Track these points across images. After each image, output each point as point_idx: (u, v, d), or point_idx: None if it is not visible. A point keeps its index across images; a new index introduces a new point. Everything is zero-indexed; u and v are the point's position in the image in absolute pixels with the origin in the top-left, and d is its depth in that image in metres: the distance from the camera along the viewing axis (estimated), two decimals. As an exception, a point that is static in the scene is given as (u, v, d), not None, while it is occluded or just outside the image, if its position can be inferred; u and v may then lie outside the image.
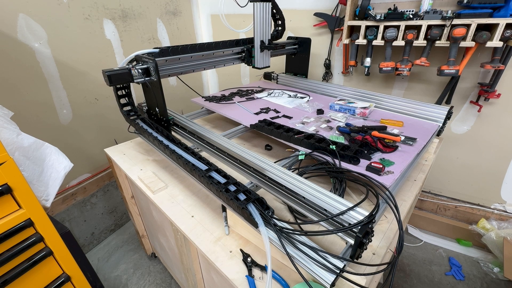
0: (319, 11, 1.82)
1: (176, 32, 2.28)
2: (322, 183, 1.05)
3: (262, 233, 0.69)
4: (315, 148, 1.05)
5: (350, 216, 0.67)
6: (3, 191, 0.77)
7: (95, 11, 1.69)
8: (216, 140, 1.08)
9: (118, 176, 1.38)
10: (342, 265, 0.61)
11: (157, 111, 1.23)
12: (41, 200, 1.01)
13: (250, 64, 1.53)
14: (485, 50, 1.42)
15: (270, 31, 1.46)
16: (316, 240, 0.80)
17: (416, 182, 1.11)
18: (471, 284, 1.66)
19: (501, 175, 1.68)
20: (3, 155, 0.76)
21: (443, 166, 1.83)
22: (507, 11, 1.21)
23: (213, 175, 0.88)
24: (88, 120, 1.81)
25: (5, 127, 0.91)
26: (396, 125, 1.26)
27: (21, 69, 1.45)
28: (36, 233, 0.89)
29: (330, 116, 1.37)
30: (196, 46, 1.28)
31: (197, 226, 0.91)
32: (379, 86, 1.84)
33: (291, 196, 0.82)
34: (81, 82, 1.71)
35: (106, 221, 2.05)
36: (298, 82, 1.84)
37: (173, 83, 2.37)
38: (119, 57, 1.89)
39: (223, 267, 0.77)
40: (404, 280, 1.70)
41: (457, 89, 1.57)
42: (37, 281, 0.92)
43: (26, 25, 1.42)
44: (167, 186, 1.10)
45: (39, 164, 1.02)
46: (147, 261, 1.87)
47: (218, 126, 1.59)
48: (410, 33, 1.39)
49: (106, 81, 1.01)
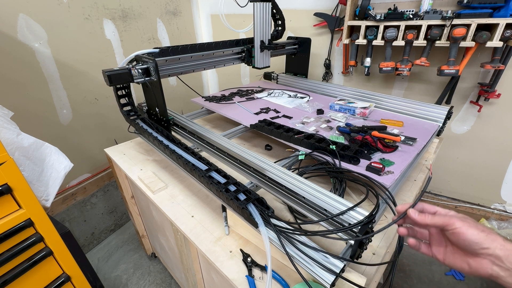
0: (319, 11, 1.82)
1: (176, 32, 2.28)
2: (322, 183, 1.05)
3: (262, 233, 0.69)
4: (315, 148, 1.05)
5: (350, 216, 0.67)
6: (3, 191, 0.77)
7: (95, 11, 1.69)
8: (216, 140, 1.08)
9: (118, 176, 1.38)
10: (342, 265, 0.61)
11: (157, 111, 1.23)
12: (41, 200, 1.01)
13: (250, 64, 1.53)
14: (485, 50, 1.42)
15: (270, 31, 1.46)
16: (316, 240, 0.80)
17: (416, 182, 1.11)
18: (471, 284, 1.66)
19: (501, 175, 1.68)
20: (3, 155, 0.76)
21: (443, 166, 1.83)
22: (507, 11, 1.21)
23: (213, 175, 0.88)
24: (88, 120, 1.81)
25: (5, 127, 0.91)
26: (396, 125, 1.26)
27: (21, 69, 1.45)
28: (36, 233, 0.89)
29: (330, 116, 1.37)
30: (196, 46, 1.28)
31: (197, 226, 0.91)
32: (379, 86, 1.84)
33: (291, 196, 0.82)
34: (81, 82, 1.71)
35: (106, 221, 2.05)
36: (298, 82, 1.84)
37: (173, 83, 2.37)
38: (119, 57, 1.89)
39: (223, 267, 0.77)
40: (404, 280, 1.70)
41: (457, 89, 1.57)
42: (37, 281, 0.92)
43: (26, 25, 1.42)
44: (167, 186, 1.10)
45: (39, 164, 1.02)
46: (147, 261, 1.87)
47: (218, 126, 1.59)
48: (410, 33, 1.39)
49: (106, 81, 1.01)
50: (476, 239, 0.42)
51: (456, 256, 0.46)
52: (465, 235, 0.43)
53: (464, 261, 0.45)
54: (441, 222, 0.46)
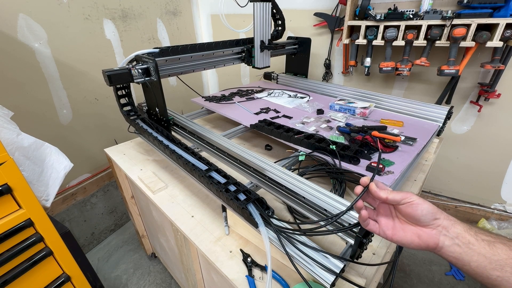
0: (319, 11, 1.82)
1: (176, 32, 2.28)
2: (322, 183, 1.05)
3: (262, 233, 0.69)
4: (315, 148, 1.05)
5: (350, 216, 0.67)
6: (3, 191, 0.77)
7: (95, 11, 1.69)
8: (216, 140, 1.08)
9: (118, 176, 1.38)
10: (342, 265, 0.61)
11: (157, 111, 1.23)
12: (41, 200, 1.01)
13: (250, 64, 1.53)
14: (485, 50, 1.42)
15: (270, 31, 1.46)
16: (316, 240, 0.80)
17: (416, 182, 1.11)
18: (471, 284, 1.66)
19: (501, 175, 1.68)
20: (3, 155, 0.76)
21: (443, 166, 1.83)
22: (507, 11, 1.21)
23: (213, 175, 0.88)
24: (88, 120, 1.81)
25: (5, 127, 0.91)
26: (396, 125, 1.26)
27: (21, 69, 1.45)
28: (36, 233, 0.89)
29: (330, 116, 1.37)
30: (196, 46, 1.28)
31: (197, 226, 0.91)
32: (379, 86, 1.84)
33: (291, 196, 0.82)
34: (81, 82, 1.71)
35: (106, 221, 2.05)
36: (298, 82, 1.84)
37: (173, 83, 2.37)
38: (119, 57, 1.89)
39: (223, 267, 0.77)
40: (404, 280, 1.70)
41: (457, 89, 1.57)
42: (37, 281, 0.92)
43: (26, 25, 1.42)
44: (167, 186, 1.10)
45: (39, 164, 1.02)
46: (147, 261, 1.87)
47: (218, 126, 1.59)
48: (410, 33, 1.39)
49: (106, 81, 1.01)
50: (431, 210, 0.47)
51: (406, 230, 0.50)
52: (422, 205, 0.47)
53: (414, 234, 0.49)
54: (399, 197, 0.49)
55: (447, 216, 0.48)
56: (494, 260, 0.43)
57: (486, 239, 0.45)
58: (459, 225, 0.47)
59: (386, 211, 0.54)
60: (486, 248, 0.44)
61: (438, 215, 0.47)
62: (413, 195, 0.49)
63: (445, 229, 0.47)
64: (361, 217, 0.53)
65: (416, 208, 0.48)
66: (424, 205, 0.47)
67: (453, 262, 0.46)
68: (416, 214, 0.48)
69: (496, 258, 0.43)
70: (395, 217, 0.52)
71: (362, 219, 0.53)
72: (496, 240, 0.45)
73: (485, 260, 0.43)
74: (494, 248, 0.44)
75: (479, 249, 0.44)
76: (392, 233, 0.51)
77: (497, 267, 0.42)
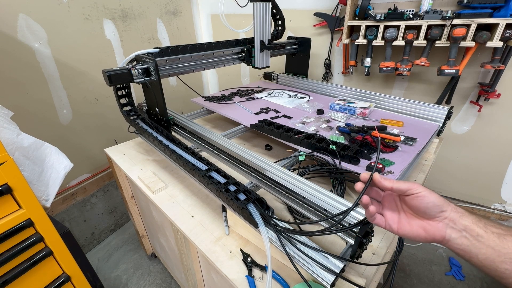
0: (319, 11, 1.82)
1: (176, 32, 2.28)
2: (322, 183, 1.05)
3: (262, 233, 0.69)
4: (315, 148, 1.05)
5: (350, 216, 0.67)
6: (3, 191, 0.77)
7: (95, 11, 1.69)
8: (216, 140, 1.08)
9: (118, 176, 1.38)
10: (342, 265, 0.61)
11: (157, 111, 1.23)
12: (41, 200, 1.01)
13: (250, 64, 1.53)
14: (485, 50, 1.42)
15: (270, 31, 1.46)
16: (316, 240, 0.80)
17: (416, 182, 1.10)
18: (471, 284, 1.66)
19: (501, 175, 1.68)
20: (3, 155, 0.76)
21: (443, 166, 1.83)
22: (507, 11, 1.21)
23: (213, 175, 0.88)
24: (88, 120, 1.81)
25: (5, 127, 0.91)
26: (396, 125, 1.26)
27: (21, 69, 1.45)
28: (36, 233, 0.89)
29: (330, 116, 1.37)
30: (196, 46, 1.28)
31: (197, 226, 0.91)
32: (379, 86, 1.84)
33: (291, 196, 0.82)
34: (81, 82, 1.71)
35: (106, 221, 2.05)
36: (298, 82, 1.84)
37: (173, 83, 2.37)
38: (119, 57, 1.89)
39: (223, 267, 0.77)
40: (404, 280, 1.70)
41: (457, 89, 1.57)
42: (37, 281, 0.92)
43: (26, 25, 1.42)
44: (167, 186, 1.10)
45: (39, 164, 1.02)
46: (147, 261, 1.87)
47: (218, 126, 1.59)
48: (410, 33, 1.39)
49: (106, 81, 1.01)
50: (438, 202, 0.46)
51: (412, 223, 0.49)
52: (429, 197, 0.46)
53: (420, 227, 0.48)
54: (405, 187, 0.48)
55: (455, 207, 0.46)
56: (504, 253, 0.42)
57: (496, 232, 0.44)
58: (467, 217, 0.45)
59: (391, 204, 0.52)
60: (496, 240, 0.43)
61: (445, 207, 0.46)
62: (419, 186, 0.47)
63: (452, 222, 0.45)
64: (368, 213, 0.51)
65: (422, 201, 0.46)
66: (430, 197, 0.46)
67: (460, 254, 0.45)
68: (422, 207, 0.46)
69: (506, 251, 0.42)
70: (400, 210, 0.51)
71: (369, 214, 0.51)
72: (507, 233, 0.43)
73: (494, 252, 0.42)
74: (504, 241, 0.43)
75: (488, 241, 0.43)
76: (398, 227, 0.50)
77: (507, 260, 0.41)
